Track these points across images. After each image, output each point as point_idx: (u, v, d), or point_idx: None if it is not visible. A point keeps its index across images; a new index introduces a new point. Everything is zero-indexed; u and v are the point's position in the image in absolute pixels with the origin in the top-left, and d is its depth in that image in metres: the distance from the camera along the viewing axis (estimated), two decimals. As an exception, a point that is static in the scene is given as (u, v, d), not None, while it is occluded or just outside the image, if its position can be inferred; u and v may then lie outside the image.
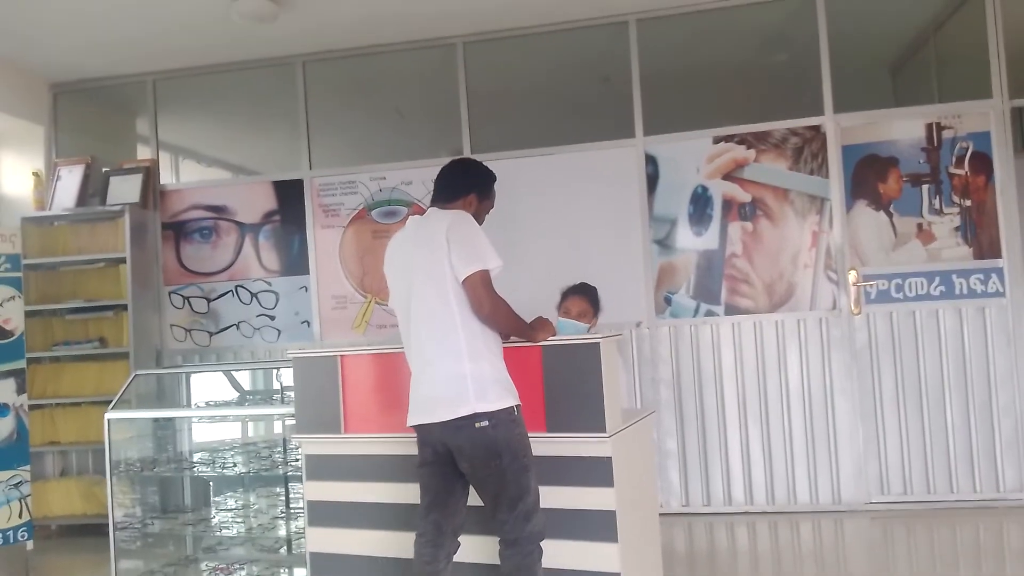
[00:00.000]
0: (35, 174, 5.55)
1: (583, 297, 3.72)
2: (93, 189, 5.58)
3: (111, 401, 4.06)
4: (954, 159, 4.73)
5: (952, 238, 4.70)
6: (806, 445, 4.76)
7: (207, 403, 4.23)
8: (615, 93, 5.18)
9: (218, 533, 3.96)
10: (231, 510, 4.02)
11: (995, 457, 4.58)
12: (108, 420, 3.93)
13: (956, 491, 4.61)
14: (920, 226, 4.73)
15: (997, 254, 4.64)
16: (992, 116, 4.69)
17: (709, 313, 4.91)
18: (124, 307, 5.23)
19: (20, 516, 4.19)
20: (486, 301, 2.66)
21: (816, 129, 4.85)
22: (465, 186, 2.89)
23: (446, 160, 3.01)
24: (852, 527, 4.46)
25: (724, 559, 4.19)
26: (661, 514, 3.49)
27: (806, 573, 3.92)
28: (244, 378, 4.51)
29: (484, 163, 2.99)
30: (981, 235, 4.68)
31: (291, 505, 3.79)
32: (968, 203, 4.70)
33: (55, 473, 5.39)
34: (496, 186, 2.97)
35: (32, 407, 4.63)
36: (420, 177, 5.25)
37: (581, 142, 5.12)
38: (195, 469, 4.03)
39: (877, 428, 4.70)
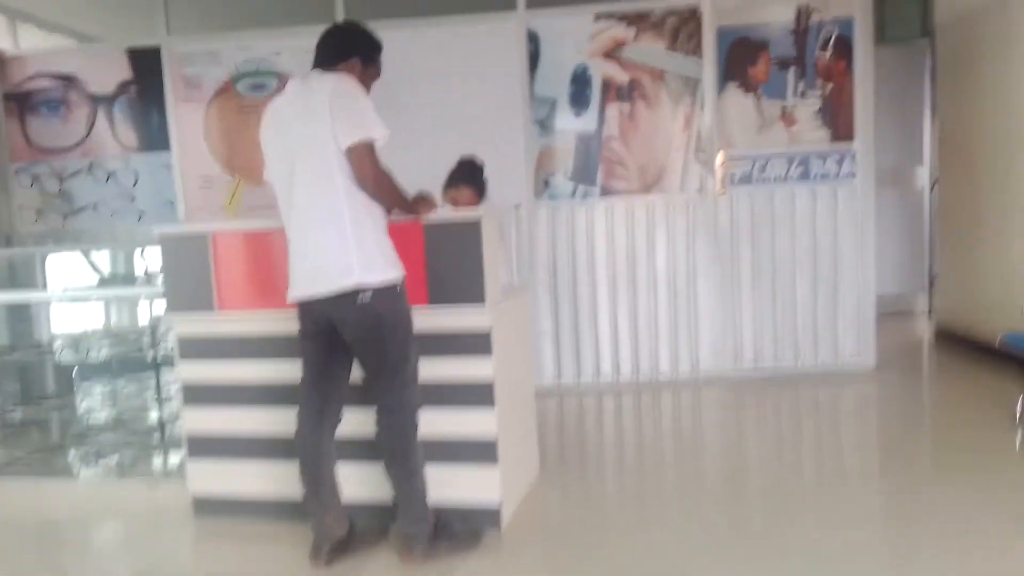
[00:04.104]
0: None
1: (470, 187, 3.69)
2: (-85, 53, 4.99)
3: (-44, 287, 3.79)
4: (819, 44, 4.90)
5: (813, 121, 4.93)
6: (670, 322, 5.04)
7: (65, 289, 4.01)
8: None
9: (87, 420, 3.85)
10: (98, 397, 3.89)
11: (836, 329, 5.01)
12: (-46, 305, 3.68)
13: (800, 360, 5.03)
14: (784, 109, 4.93)
15: (851, 137, 4.91)
16: (857, 2, 4.85)
17: (587, 195, 5.01)
18: (-37, 186, 4.81)
19: None
20: (370, 172, 2.61)
21: (694, 11, 4.89)
22: (348, 49, 2.77)
23: (319, 28, 2.86)
24: (709, 395, 4.81)
25: (591, 429, 4.46)
26: (535, 388, 3.65)
27: (666, 440, 4.24)
28: (105, 261, 4.29)
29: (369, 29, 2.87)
30: (838, 119, 4.93)
31: (162, 390, 3.71)
32: (829, 87, 4.92)
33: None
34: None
35: None
36: (291, 46, 4.97)
37: (462, 12, 4.95)
38: (58, 355, 3.85)
39: (734, 305, 5.02)
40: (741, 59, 4.93)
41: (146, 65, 5.12)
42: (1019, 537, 2.78)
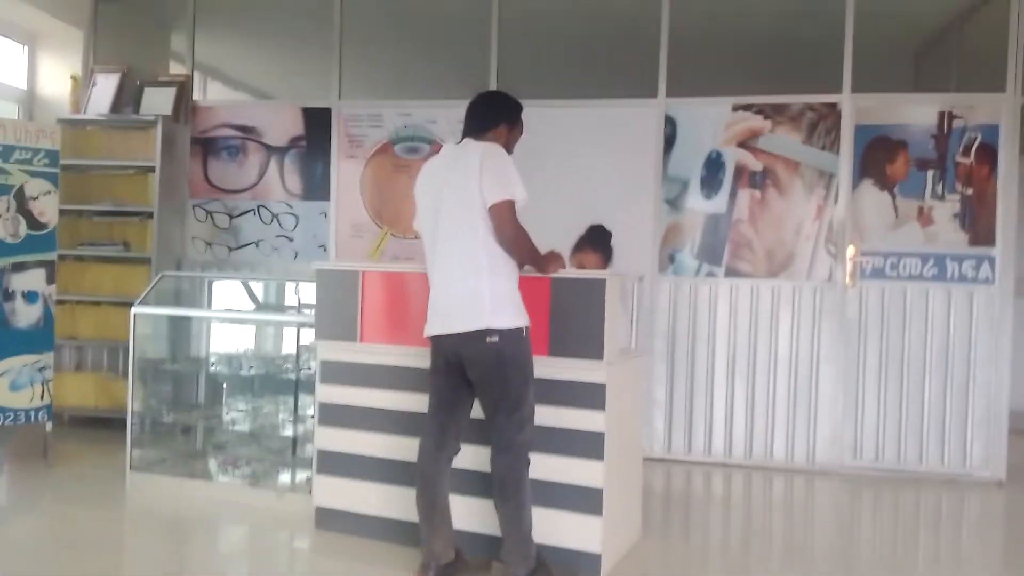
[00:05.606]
0: (73, 78, 5.70)
1: (597, 253, 3.91)
2: (127, 98, 5.73)
3: (130, 303, 4.27)
4: (961, 148, 4.88)
5: (951, 224, 4.88)
6: (788, 406, 4.99)
7: (227, 310, 4.44)
8: (642, 52, 5.30)
9: (229, 431, 4.20)
10: (241, 411, 4.24)
11: (965, 434, 4.82)
12: (134, 314, 4.15)
13: (925, 463, 4.85)
14: (921, 209, 4.91)
15: (991, 243, 4.82)
16: (1003, 110, 4.83)
17: (710, 274, 5.11)
18: (150, 214, 5.41)
19: (42, 398, 4.45)
20: (509, 228, 2.88)
21: (832, 107, 5.00)
22: (495, 117, 3.08)
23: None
24: (822, 486, 4.71)
25: (698, 502, 4.45)
26: (644, 458, 3.73)
27: (775, 524, 4.18)
28: (261, 292, 4.72)
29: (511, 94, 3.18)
30: (978, 224, 4.85)
31: (299, 411, 4.02)
32: (969, 192, 4.87)
33: (72, 366, 5.62)
34: (518, 128, 3.17)
35: (55, 301, 4.84)
36: (445, 116, 5.39)
37: (606, 97, 5.26)
38: (211, 368, 4.25)
39: (857, 397, 4.93)
40: (879, 156, 4.96)
41: (317, 123, 5.67)
42: None
